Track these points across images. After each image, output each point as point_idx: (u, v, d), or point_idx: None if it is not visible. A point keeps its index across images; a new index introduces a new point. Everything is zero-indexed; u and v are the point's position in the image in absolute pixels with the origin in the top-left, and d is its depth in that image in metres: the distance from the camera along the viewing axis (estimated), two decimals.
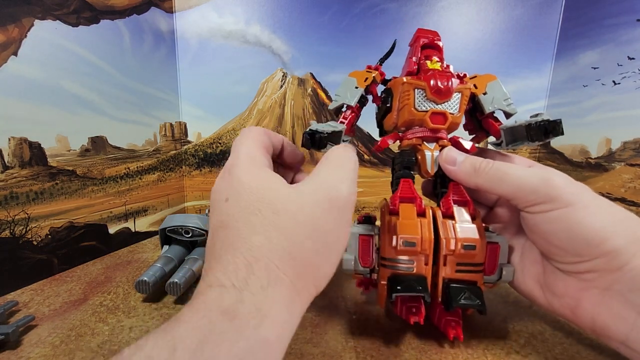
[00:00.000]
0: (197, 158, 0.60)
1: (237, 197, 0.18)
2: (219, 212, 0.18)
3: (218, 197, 0.19)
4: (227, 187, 0.19)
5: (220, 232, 0.18)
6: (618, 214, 0.21)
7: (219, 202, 0.19)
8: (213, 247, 0.18)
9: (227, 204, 0.18)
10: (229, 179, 0.19)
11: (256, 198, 0.18)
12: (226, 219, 0.18)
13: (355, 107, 0.29)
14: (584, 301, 0.21)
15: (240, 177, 0.19)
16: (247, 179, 0.19)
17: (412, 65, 0.27)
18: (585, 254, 0.20)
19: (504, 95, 0.27)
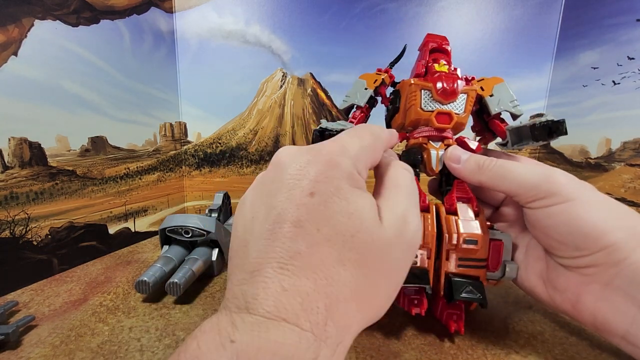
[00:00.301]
0: (197, 158, 0.60)
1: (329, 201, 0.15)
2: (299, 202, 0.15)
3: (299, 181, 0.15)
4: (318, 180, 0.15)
5: (294, 229, 0.14)
6: (618, 210, 0.21)
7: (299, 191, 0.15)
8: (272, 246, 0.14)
9: (312, 200, 0.15)
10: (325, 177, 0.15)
11: (348, 216, 0.15)
12: (306, 218, 0.14)
13: (364, 107, 0.30)
14: (584, 296, 0.21)
15: (339, 184, 0.15)
16: (347, 189, 0.15)
17: (421, 67, 0.28)
18: (584, 248, 0.20)
19: (510, 97, 0.28)
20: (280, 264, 0.13)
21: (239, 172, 0.61)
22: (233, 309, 0.13)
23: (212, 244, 0.38)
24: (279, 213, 0.14)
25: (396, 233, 0.16)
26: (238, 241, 0.16)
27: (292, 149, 0.17)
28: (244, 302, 0.13)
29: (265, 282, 0.13)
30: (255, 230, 0.15)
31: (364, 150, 0.18)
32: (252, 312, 0.12)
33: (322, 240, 0.14)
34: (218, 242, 0.37)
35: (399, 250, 0.16)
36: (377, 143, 0.19)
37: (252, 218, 0.16)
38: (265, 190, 0.16)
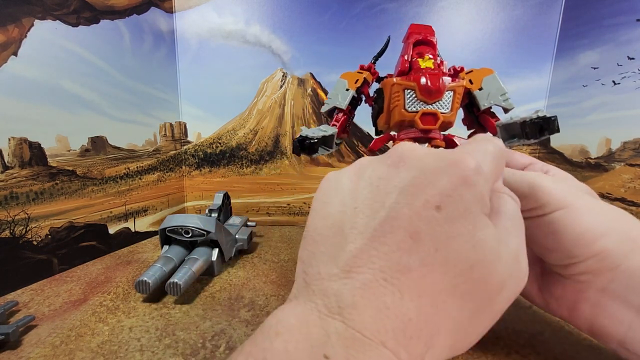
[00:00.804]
0: (197, 158, 0.60)
1: (456, 222, 0.13)
2: (420, 213, 0.13)
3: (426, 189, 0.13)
4: (448, 195, 0.13)
5: (409, 240, 0.12)
6: (610, 215, 0.20)
7: (424, 200, 0.13)
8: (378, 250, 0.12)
9: (436, 215, 0.13)
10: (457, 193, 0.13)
11: (472, 245, 0.13)
12: (427, 233, 0.13)
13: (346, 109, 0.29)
14: (580, 303, 0.21)
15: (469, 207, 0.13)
16: (478, 214, 0.14)
17: (404, 63, 0.27)
18: (576, 255, 0.20)
19: (500, 90, 0.26)
20: (384, 274, 0.12)
21: (239, 172, 0.61)
22: (322, 308, 0.12)
23: (212, 244, 0.38)
24: (394, 217, 0.13)
25: (509, 273, 0.15)
26: (329, 228, 0.14)
27: (418, 149, 0.15)
28: (336, 305, 0.12)
29: (363, 290, 0.12)
30: (359, 223, 0.13)
31: (493, 171, 0.16)
32: (347, 323, 0.11)
33: (438, 262, 0.12)
34: (218, 242, 0.37)
35: (508, 289, 0.15)
36: (502, 160, 0.17)
37: (355, 209, 0.14)
38: (376, 183, 0.14)
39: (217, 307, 0.31)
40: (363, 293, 0.12)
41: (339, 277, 0.12)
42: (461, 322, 0.13)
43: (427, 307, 0.12)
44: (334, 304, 0.12)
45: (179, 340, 0.25)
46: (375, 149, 0.28)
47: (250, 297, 0.33)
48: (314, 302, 0.12)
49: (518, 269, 0.15)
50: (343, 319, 0.11)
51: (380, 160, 0.15)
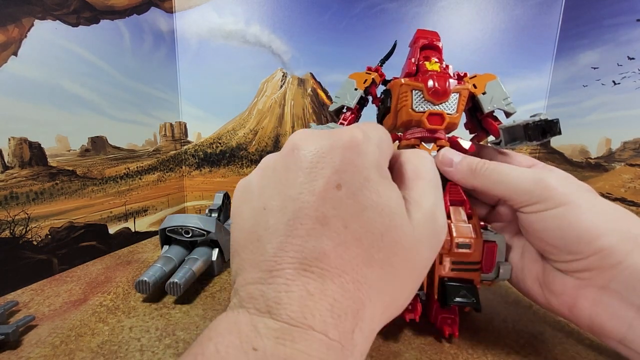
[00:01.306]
0: (197, 158, 0.60)
1: (358, 195, 0.13)
2: (323, 195, 0.13)
3: (323, 170, 0.13)
4: (344, 170, 0.13)
5: (318, 225, 0.13)
6: (613, 213, 0.21)
7: (324, 182, 0.13)
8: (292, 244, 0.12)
9: (339, 193, 0.13)
10: (353, 166, 0.14)
11: (379, 212, 0.13)
12: (333, 214, 0.13)
13: (354, 108, 0.30)
14: (581, 300, 0.21)
15: (368, 174, 0.14)
16: (377, 180, 0.14)
17: (411, 66, 0.27)
18: (578, 252, 0.20)
19: (504, 94, 0.27)
20: (303, 265, 0.12)
21: (239, 172, 0.61)
22: (252, 310, 0.12)
23: (212, 244, 0.38)
24: (300, 207, 0.13)
25: (425, 231, 0.15)
26: (247, 233, 0.14)
27: (308, 132, 0.15)
28: (264, 304, 0.12)
29: (287, 285, 0.12)
30: (270, 223, 0.13)
31: (384, 140, 0.16)
32: (274, 317, 0.11)
33: (350, 239, 0.13)
34: (218, 242, 0.37)
35: (427, 247, 0.15)
36: (389, 135, 0.18)
37: (264, 209, 0.14)
38: (278, 178, 0.14)
39: (217, 307, 0.31)
40: (287, 287, 0.12)
41: (263, 279, 0.13)
42: (385, 290, 0.13)
43: (349, 284, 0.12)
44: (262, 304, 0.12)
45: (179, 340, 0.25)
46: None
47: None
48: (244, 307, 0.12)
49: (434, 227, 0.16)
50: (271, 315, 0.12)
51: (278, 154, 0.16)
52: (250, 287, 0.13)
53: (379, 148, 0.15)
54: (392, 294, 0.14)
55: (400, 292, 0.15)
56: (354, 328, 0.12)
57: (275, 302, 0.12)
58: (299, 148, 0.14)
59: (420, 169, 0.17)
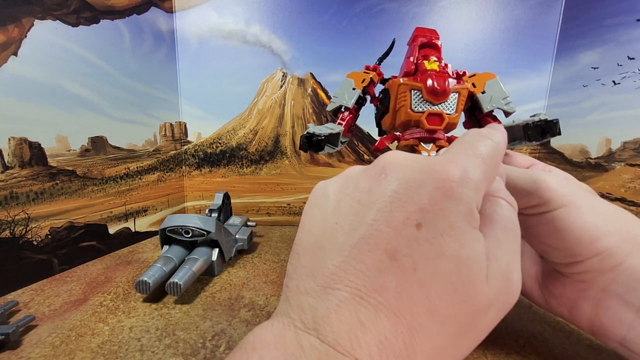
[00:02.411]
0: (197, 158, 0.60)
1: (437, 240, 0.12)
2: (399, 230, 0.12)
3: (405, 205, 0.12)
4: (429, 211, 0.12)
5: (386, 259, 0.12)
6: (612, 214, 0.21)
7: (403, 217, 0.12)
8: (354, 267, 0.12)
9: (416, 233, 0.12)
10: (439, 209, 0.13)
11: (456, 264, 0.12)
12: (405, 252, 0.12)
13: (352, 108, 0.29)
14: (581, 302, 0.21)
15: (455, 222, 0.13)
16: (464, 228, 0.13)
17: (410, 65, 0.27)
18: (578, 254, 0.20)
19: (503, 94, 0.27)
20: (360, 292, 0.12)
21: (239, 172, 0.61)
22: (298, 323, 0.12)
23: (212, 244, 0.38)
24: (372, 234, 0.12)
25: (498, 292, 0.14)
26: (312, 239, 0.14)
27: (402, 158, 0.14)
28: (312, 320, 0.12)
29: (339, 307, 0.11)
30: (339, 240, 0.13)
31: (486, 176, 0.14)
32: (321, 338, 0.11)
33: (416, 283, 0.12)
34: (218, 242, 0.37)
35: (496, 310, 0.14)
36: (497, 160, 0.16)
37: (336, 224, 0.13)
38: (358, 198, 0.14)
39: (217, 307, 0.31)
40: (338, 309, 0.12)
41: (316, 292, 0.12)
42: (440, 346, 0.12)
43: (404, 328, 0.12)
44: (310, 319, 0.12)
45: (179, 340, 0.25)
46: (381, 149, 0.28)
47: (251, 297, 0.33)
48: (290, 317, 0.12)
49: (508, 286, 0.14)
50: (317, 334, 0.11)
51: (365, 171, 0.15)
52: (301, 297, 0.13)
53: (476, 192, 0.14)
54: (448, 353, 0.13)
55: (456, 352, 0.13)
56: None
57: (324, 321, 0.11)
58: (388, 174, 0.14)
59: (505, 217, 0.15)
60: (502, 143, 0.16)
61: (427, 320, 0.12)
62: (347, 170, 0.16)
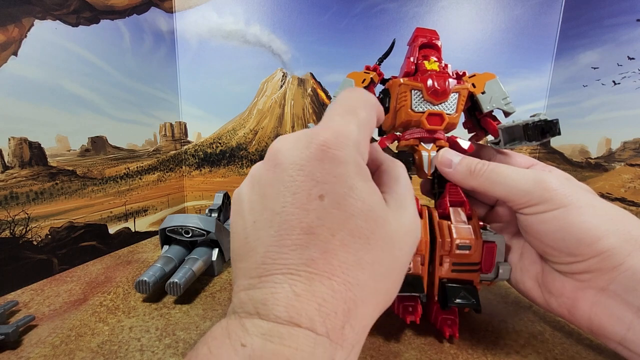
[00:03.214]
0: (197, 158, 0.60)
1: (342, 204, 0.14)
2: (306, 207, 0.13)
3: (303, 184, 0.14)
4: (325, 181, 0.14)
5: (304, 236, 0.13)
6: (612, 214, 0.21)
7: (305, 194, 0.13)
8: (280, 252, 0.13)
9: (322, 204, 0.13)
10: (333, 177, 0.14)
11: (365, 218, 0.14)
12: (318, 224, 0.13)
13: None
14: (580, 301, 0.21)
15: (351, 183, 0.14)
16: (360, 187, 0.14)
17: (410, 65, 0.27)
18: (578, 254, 0.20)
19: (503, 94, 0.27)
20: (290, 271, 0.13)
21: (239, 172, 0.61)
22: (242, 314, 0.13)
23: (212, 244, 0.38)
24: (285, 219, 0.13)
25: (409, 230, 0.16)
26: (240, 245, 0.15)
27: (287, 143, 0.15)
28: (253, 307, 0.13)
29: (274, 287, 0.13)
30: (261, 235, 0.14)
31: (362, 129, 0.16)
32: (262, 318, 0.12)
33: (338, 245, 0.13)
34: (218, 242, 0.37)
35: (411, 245, 0.17)
36: (371, 113, 0.17)
37: (254, 222, 0.15)
38: (263, 193, 0.15)
39: (217, 307, 0.31)
40: (274, 290, 0.13)
41: (253, 285, 0.13)
42: (376, 288, 0.14)
43: (340, 286, 0.13)
44: (251, 307, 0.13)
45: (179, 340, 0.26)
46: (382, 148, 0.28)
47: None
48: (236, 312, 0.13)
49: (416, 225, 0.17)
50: (259, 316, 0.12)
51: (262, 166, 0.16)
52: (241, 293, 0.14)
53: (356, 148, 0.15)
54: (383, 291, 0.15)
55: (390, 288, 0.16)
56: (344, 325, 0.13)
57: (262, 304, 0.12)
58: (279, 162, 0.15)
59: (401, 177, 0.18)
60: (370, 97, 0.18)
61: (357, 271, 0.13)
62: (251, 170, 0.17)
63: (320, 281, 0.13)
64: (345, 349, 0.13)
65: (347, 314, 0.13)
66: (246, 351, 0.11)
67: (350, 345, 0.13)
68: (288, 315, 0.12)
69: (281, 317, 0.12)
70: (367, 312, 0.14)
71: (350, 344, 0.13)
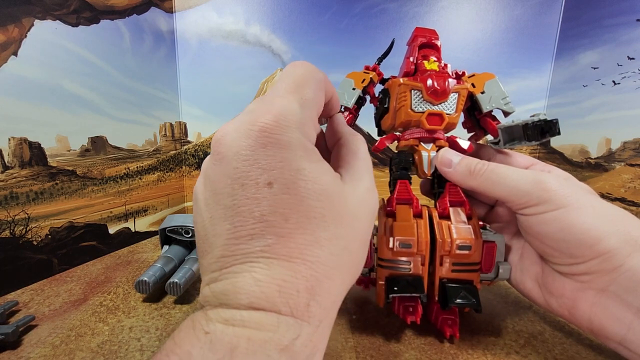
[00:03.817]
0: (197, 158, 0.60)
1: (292, 188, 0.13)
2: (256, 196, 0.13)
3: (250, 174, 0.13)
4: (272, 168, 0.13)
5: (258, 224, 0.13)
6: (612, 215, 0.21)
7: (254, 184, 0.13)
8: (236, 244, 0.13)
9: (272, 191, 0.13)
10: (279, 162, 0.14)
11: (317, 198, 0.14)
12: (269, 211, 0.13)
13: (352, 108, 0.29)
14: (580, 302, 0.21)
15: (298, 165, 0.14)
16: (308, 168, 0.14)
17: (410, 65, 0.27)
18: (579, 255, 0.20)
19: (502, 94, 0.27)
20: (248, 259, 0.13)
21: None
22: (207, 307, 0.13)
23: None
24: (237, 212, 0.13)
25: (366, 203, 0.17)
26: (202, 242, 0.15)
27: (227, 133, 0.14)
28: (215, 299, 0.13)
29: (235, 277, 0.13)
30: (217, 230, 0.14)
31: (307, 108, 0.16)
32: (225, 307, 0.12)
33: (294, 228, 0.13)
34: None
35: (369, 218, 0.17)
36: (317, 91, 0.17)
37: (211, 218, 0.14)
38: (215, 189, 0.15)
39: None
40: (234, 281, 0.13)
41: (215, 278, 0.13)
42: (339, 263, 0.14)
43: (300, 266, 0.13)
44: (213, 300, 0.13)
45: None
46: (381, 149, 0.28)
47: None
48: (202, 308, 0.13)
49: (373, 200, 0.17)
50: (222, 306, 0.13)
51: (209, 161, 0.15)
52: (205, 288, 0.14)
53: (300, 129, 0.15)
54: (347, 265, 0.15)
55: (354, 261, 0.16)
56: (309, 301, 0.13)
57: (224, 294, 0.13)
58: (223, 155, 0.14)
59: (359, 150, 0.19)
60: (316, 72, 0.17)
61: (316, 249, 0.13)
62: (202, 166, 0.17)
63: (279, 264, 0.13)
64: (312, 324, 0.13)
65: (310, 291, 0.13)
66: (208, 337, 0.12)
67: (317, 321, 0.13)
68: (249, 301, 0.12)
69: (243, 304, 0.12)
70: (333, 286, 0.14)
71: (318, 319, 0.13)
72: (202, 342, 0.11)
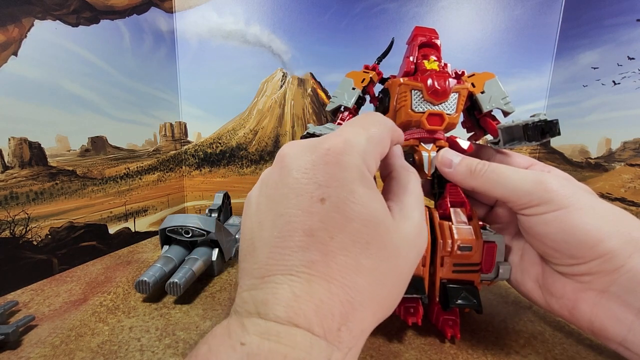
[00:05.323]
0: (197, 158, 0.60)
1: (342, 207, 0.14)
2: (309, 210, 0.14)
3: (307, 186, 0.14)
4: (328, 185, 0.14)
5: (305, 238, 0.13)
6: (613, 215, 0.20)
7: (308, 197, 0.14)
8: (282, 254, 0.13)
9: (324, 207, 0.14)
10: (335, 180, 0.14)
11: (363, 223, 0.14)
12: (319, 227, 0.14)
13: (352, 108, 0.29)
14: (581, 303, 0.21)
15: (351, 187, 0.14)
16: (361, 192, 0.15)
17: (410, 64, 0.27)
18: (580, 256, 0.20)
19: (502, 94, 0.27)
20: (291, 272, 0.13)
21: (239, 172, 0.61)
22: (243, 313, 0.13)
23: (212, 244, 0.38)
24: (288, 221, 0.14)
25: (414, 239, 0.16)
26: (246, 245, 0.16)
27: (295, 148, 0.16)
28: (253, 307, 0.13)
29: (275, 288, 0.13)
30: (264, 236, 0.14)
31: (372, 142, 0.17)
32: (262, 317, 0.12)
33: (337, 248, 0.14)
34: (218, 242, 0.37)
35: (415, 254, 0.17)
36: (384, 133, 0.18)
37: (260, 223, 0.15)
38: (270, 195, 0.15)
39: (217, 307, 0.31)
40: (274, 291, 0.13)
41: (255, 285, 0.14)
42: (374, 294, 0.14)
43: (337, 289, 0.13)
44: (252, 307, 0.13)
45: (179, 340, 0.26)
46: None
47: None
48: (237, 312, 0.14)
49: (420, 235, 0.17)
50: (259, 315, 0.13)
51: (270, 169, 0.17)
52: (244, 293, 0.14)
53: (362, 157, 0.15)
54: (382, 298, 0.15)
55: (389, 294, 0.16)
56: (340, 327, 0.13)
57: (263, 304, 0.13)
58: (285, 165, 0.15)
59: (410, 185, 0.19)
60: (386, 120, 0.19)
61: (355, 275, 0.14)
62: (262, 175, 0.18)
63: (318, 283, 0.13)
64: (341, 350, 0.13)
65: (344, 317, 0.13)
66: (244, 349, 0.12)
67: (346, 348, 0.13)
68: (287, 315, 0.12)
69: (280, 317, 0.12)
70: (365, 316, 0.14)
71: (347, 346, 0.13)
72: (239, 354, 0.12)
